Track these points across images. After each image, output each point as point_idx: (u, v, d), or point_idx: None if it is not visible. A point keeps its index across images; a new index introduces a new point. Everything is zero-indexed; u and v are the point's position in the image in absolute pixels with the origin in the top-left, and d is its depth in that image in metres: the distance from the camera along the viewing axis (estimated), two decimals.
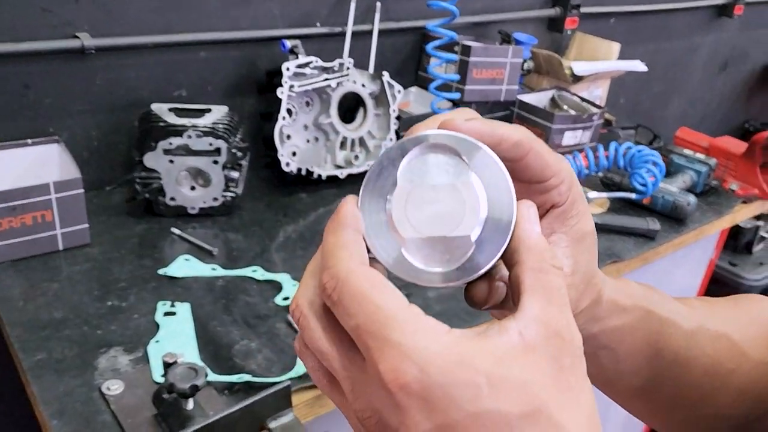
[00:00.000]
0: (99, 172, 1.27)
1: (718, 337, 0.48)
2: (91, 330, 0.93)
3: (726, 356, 0.48)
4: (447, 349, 0.28)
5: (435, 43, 1.38)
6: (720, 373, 0.48)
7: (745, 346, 0.49)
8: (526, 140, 0.35)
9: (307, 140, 1.37)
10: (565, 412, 0.28)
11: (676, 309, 0.48)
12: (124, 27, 1.20)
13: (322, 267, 0.32)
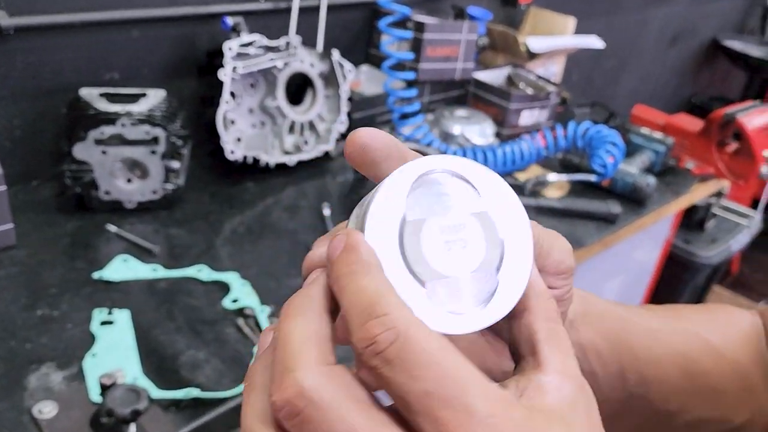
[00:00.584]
0: (23, 165, 1.16)
1: (688, 335, 0.46)
2: (18, 344, 0.84)
3: (698, 353, 0.46)
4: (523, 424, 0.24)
5: (387, 19, 1.30)
6: (692, 373, 0.45)
7: (719, 344, 0.46)
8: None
9: (253, 125, 1.28)
10: None
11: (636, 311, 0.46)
12: (46, 4, 1.08)
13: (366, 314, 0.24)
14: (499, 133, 1.52)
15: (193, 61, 1.29)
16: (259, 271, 1.02)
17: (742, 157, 1.49)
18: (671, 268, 1.75)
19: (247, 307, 0.93)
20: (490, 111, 1.54)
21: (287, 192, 1.25)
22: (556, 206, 1.27)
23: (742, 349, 0.47)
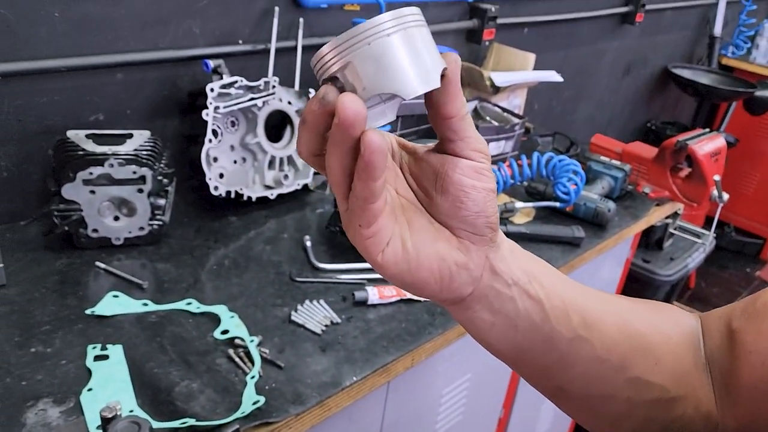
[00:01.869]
0: (10, 205, 1.18)
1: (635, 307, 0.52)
2: (14, 381, 0.86)
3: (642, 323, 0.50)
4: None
5: None
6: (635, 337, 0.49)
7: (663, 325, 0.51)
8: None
9: (234, 161, 1.33)
10: None
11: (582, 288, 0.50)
12: (32, 50, 1.12)
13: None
14: None
15: (175, 101, 1.34)
16: (246, 303, 1.06)
17: (694, 181, 1.59)
18: (633, 286, 1.84)
19: (237, 338, 0.97)
20: None
21: (269, 224, 1.30)
22: (524, 232, 1.34)
23: (680, 337, 0.51)
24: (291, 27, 1.46)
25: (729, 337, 0.49)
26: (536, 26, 2.21)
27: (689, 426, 0.49)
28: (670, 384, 0.49)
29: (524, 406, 1.55)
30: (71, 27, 1.15)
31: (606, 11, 2.49)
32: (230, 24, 1.37)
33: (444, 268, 0.44)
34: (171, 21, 1.27)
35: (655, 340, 0.49)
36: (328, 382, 0.92)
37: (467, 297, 0.45)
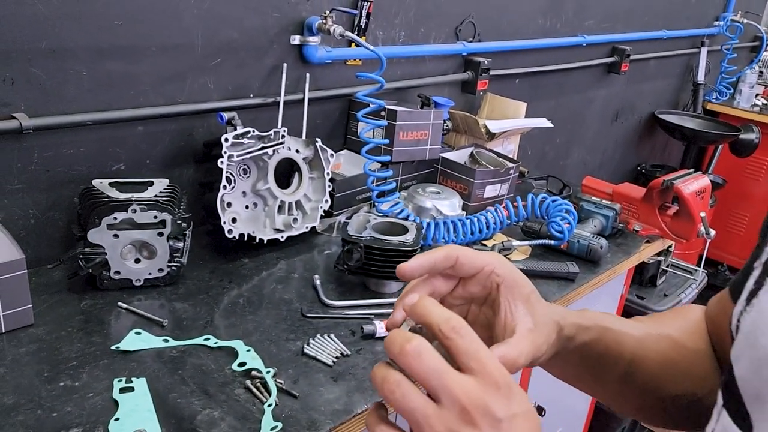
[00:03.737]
0: (37, 251, 1.26)
1: (662, 338, 0.66)
2: (45, 413, 0.91)
3: (670, 349, 0.65)
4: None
5: (365, 110, 1.48)
6: (668, 364, 0.64)
7: (683, 339, 0.67)
8: (450, 250, 0.55)
9: (247, 206, 1.41)
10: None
11: (627, 323, 0.67)
12: (60, 106, 1.21)
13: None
14: (466, 205, 1.68)
15: (192, 151, 1.43)
16: (260, 338, 1.12)
17: (681, 219, 1.67)
18: None
19: (254, 369, 1.03)
20: (457, 186, 1.71)
21: (280, 265, 1.37)
22: (521, 268, 1.41)
23: (700, 339, 0.67)
24: (298, 81, 1.57)
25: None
26: (527, 77, 2.33)
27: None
28: (698, 389, 0.64)
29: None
30: (96, 84, 1.25)
31: (593, 62, 2.62)
32: (242, 79, 1.47)
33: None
34: (187, 77, 1.38)
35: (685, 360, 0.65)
36: (341, 410, 0.98)
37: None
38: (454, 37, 1.98)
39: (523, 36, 2.23)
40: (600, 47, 2.67)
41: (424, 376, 0.43)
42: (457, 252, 0.55)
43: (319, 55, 1.57)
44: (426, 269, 0.54)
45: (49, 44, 1.16)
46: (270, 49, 1.50)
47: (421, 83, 1.89)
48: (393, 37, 1.78)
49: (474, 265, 0.56)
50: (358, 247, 1.23)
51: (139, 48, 1.28)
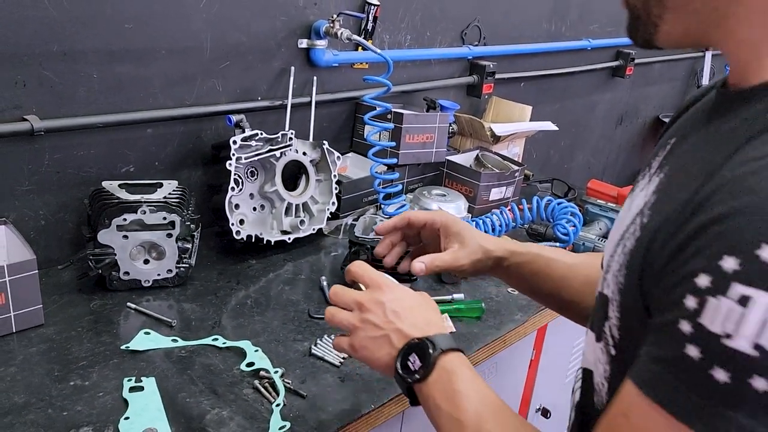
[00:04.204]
0: (47, 251, 1.27)
1: (591, 265, 0.87)
2: (56, 412, 0.93)
3: (595, 273, 0.81)
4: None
5: (371, 113, 1.49)
6: (591, 284, 0.80)
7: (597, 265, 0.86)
8: (404, 215, 0.99)
9: (254, 208, 1.42)
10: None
11: (561, 253, 0.93)
12: (71, 108, 1.23)
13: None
14: (471, 208, 1.69)
15: (200, 153, 1.44)
16: (268, 338, 1.13)
17: None
18: None
19: (262, 369, 1.04)
20: (462, 189, 1.72)
21: (287, 267, 1.38)
22: None
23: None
24: (305, 84, 1.58)
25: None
26: (532, 80, 2.34)
27: None
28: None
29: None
30: (107, 86, 1.26)
31: (598, 65, 2.63)
32: (250, 82, 1.48)
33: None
34: (196, 80, 1.39)
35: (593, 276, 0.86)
36: (348, 410, 0.99)
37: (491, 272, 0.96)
38: (460, 41, 1.99)
39: (528, 40, 2.24)
40: (605, 51, 2.68)
41: (340, 301, 0.80)
42: (408, 215, 0.99)
43: (326, 58, 1.58)
44: (390, 228, 1.00)
45: (61, 47, 1.18)
46: (278, 52, 1.51)
47: (427, 86, 1.90)
48: (399, 40, 1.79)
49: (420, 221, 0.98)
50: (364, 249, 1.24)
51: (148, 51, 1.30)
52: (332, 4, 1.57)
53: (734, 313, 0.40)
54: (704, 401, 0.41)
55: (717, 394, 0.41)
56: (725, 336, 0.40)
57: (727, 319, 0.40)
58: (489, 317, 1.28)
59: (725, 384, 0.40)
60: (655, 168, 0.61)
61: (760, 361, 0.39)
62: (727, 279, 0.40)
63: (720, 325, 0.40)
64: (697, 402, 0.42)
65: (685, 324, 0.42)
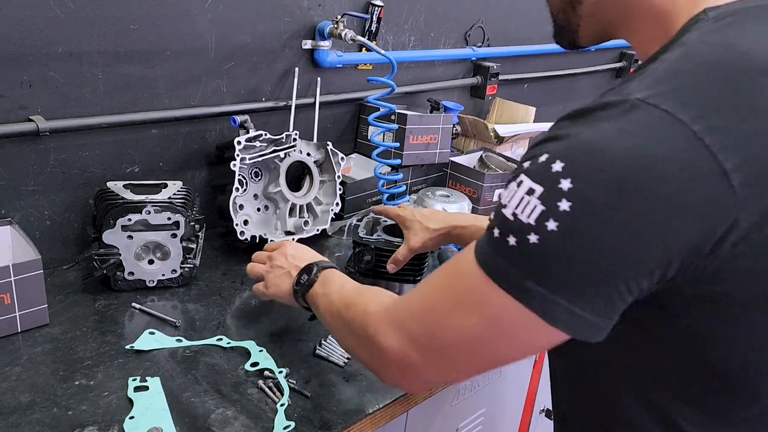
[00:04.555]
0: (52, 251, 1.27)
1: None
2: (61, 411, 0.93)
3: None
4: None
5: (375, 114, 1.49)
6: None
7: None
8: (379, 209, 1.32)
9: (258, 209, 1.42)
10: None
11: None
12: (77, 109, 1.23)
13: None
14: (475, 209, 1.69)
15: (204, 153, 1.44)
16: (272, 338, 1.13)
17: None
18: None
19: (267, 369, 1.04)
20: (466, 190, 1.72)
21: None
22: None
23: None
24: (309, 85, 1.59)
25: None
26: (536, 81, 2.34)
27: None
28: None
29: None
30: (112, 87, 1.27)
31: (601, 67, 2.63)
32: (254, 83, 1.49)
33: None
34: (201, 81, 1.39)
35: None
36: (352, 410, 0.99)
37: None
38: (464, 42, 1.99)
39: (532, 41, 2.24)
40: (608, 52, 2.68)
41: (256, 258, 1.13)
42: (385, 210, 1.29)
43: (330, 59, 1.58)
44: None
45: (66, 48, 1.18)
46: (282, 53, 1.51)
47: (431, 87, 1.90)
48: (403, 41, 1.80)
49: (391, 215, 1.28)
50: (368, 250, 1.24)
51: (153, 52, 1.30)
52: (336, 5, 1.57)
53: (511, 192, 0.57)
54: (488, 248, 0.59)
55: (493, 245, 0.58)
56: (503, 206, 0.57)
57: (510, 196, 0.57)
58: None
59: (496, 238, 0.57)
60: None
61: (514, 224, 0.55)
62: (520, 171, 0.57)
63: (505, 199, 0.58)
64: (485, 249, 0.59)
65: (499, 199, 0.61)
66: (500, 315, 0.58)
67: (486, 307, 0.59)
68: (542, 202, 0.54)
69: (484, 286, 0.58)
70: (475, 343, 0.61)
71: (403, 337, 0.67)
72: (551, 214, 0.53)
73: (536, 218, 0.54)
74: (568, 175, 0.52)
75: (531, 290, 0.55)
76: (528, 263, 0.55)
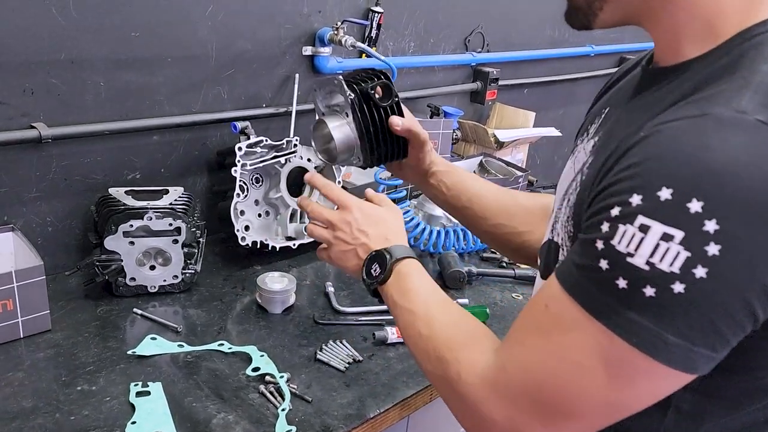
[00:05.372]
0: (54, 258, 1.28)
1: (506, 192, 1.02)
2: (63, 417, 0.93)
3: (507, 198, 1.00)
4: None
5: None
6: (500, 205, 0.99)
7: (521, 198, 1.02)
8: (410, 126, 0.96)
9: (259, 214, 1.43)
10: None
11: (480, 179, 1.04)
12: (79, 116, 1.24)
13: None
14: None
15: (205, 159, 1.45)
16: (273, 343, 1.14)
17: None
18: None
19: (268, 374, 1.04)
20: None
21: (291, 273, 1.38)
22: (530, 274, 1.42)
23: (536, 205, 0.98)
24: (309, 91, 1.59)
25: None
26: (535, 86, 2.35)
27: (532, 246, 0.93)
28: (519, 224, 0.97)
29: None
30: (114, 94, 1.28)
31: (601, 71, 2.64)
32: (255, 89, 1.49)
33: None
34: (202, 87, 1.40)
35: (516, 206, 0.99)
36: (353, 415, 0.99)
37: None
38: (463, 48, 2.00)
39: (531, 46, 2.25)
40: (608, 57, 2.69)
41: (315, 218, 0.91)
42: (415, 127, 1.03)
43: (331, 65, 1.59)
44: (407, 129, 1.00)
45: (68, 55, 1.19)
46: (282, 59, 1.52)
47: (431, 93, 1.91)
48: (403, 47, 1.80)
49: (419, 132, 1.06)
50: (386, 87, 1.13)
51: (155, 59, 1.31)
52: (336, 11, 1.58)
53: (636, 238, 0.51)
54: (608, 300, 0.53)
55: (618, 297, 0.52)
56: (628, 254, 0.51)
57: (631, 241, 0.51)
58: (493, 322, 1.28)
59: (623, 289, 0.52)
60: (592, 133, 0.73)
61: (650, 274, 0.50)
62: (634, 211, 0.51)
63: (625, 246, 0.51)
64: (603, 300, 0.53)
65: (600, 243, 0.53)
66: (635, 374, 0.53)
67: (619, 369, 0.54)
68: (686, 248, 0.49)
69: (614, 347, 0.53)
70: (603, 407, 0.57)
71: (514, 410, 0.61)
72: (698, 260, 0.48)
73: (681, 266, 0.49)
74: (713, 216, 0.48)
75: (672, 344, 0.51)
76: (671, 315, 0.50)
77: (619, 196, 0.52)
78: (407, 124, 0.93)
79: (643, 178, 0.51)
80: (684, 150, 0.50)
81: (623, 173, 0.53)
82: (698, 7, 0.59)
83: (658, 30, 0.63)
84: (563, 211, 0.68)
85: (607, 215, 0.53)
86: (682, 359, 0.51)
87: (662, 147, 0.51)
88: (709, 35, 0.59)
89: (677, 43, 0.61)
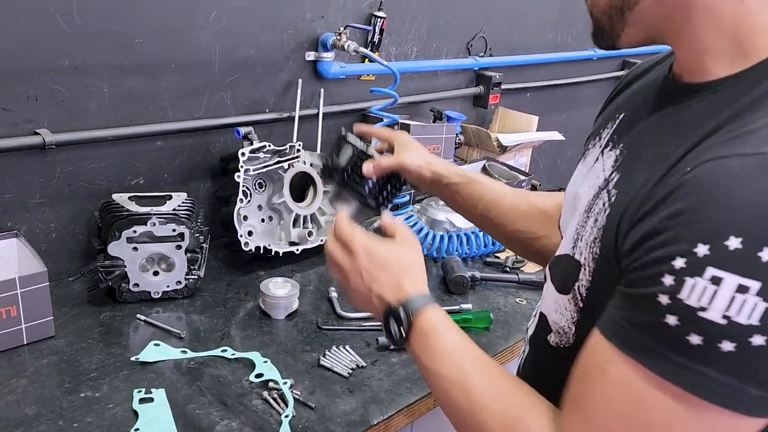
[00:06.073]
0: (58, 264, 1.28)
1: (520, 194, 1.02)
2: (66, 423, 0.93)
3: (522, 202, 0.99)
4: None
5: (379, 124, 1.49)
6: (517, 210, 0.99)
7: (536, 200, 1.00)
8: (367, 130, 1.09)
9: (262, 220, 1.43)
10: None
11: (496, 183, 1.03)
12: (82, 122, 1.24)
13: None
14: None
15: (208, 165, 1.45)
16: (276, 349, 1.14)
17: None
18: None
19: (271, 380, 1.04)
20: None
21: (295, 278, 1.38)
22: (534, 279, 1.42)
23: (551, 205, 0.97)
24: (313, 96, 1.60)
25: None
26: (538, 90, 2.35)
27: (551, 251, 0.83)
28: (536, 229, 0.97)
29: None
30: (118, 100, 1.28)
31: (604, 75, 2.64)
32: (258, 94, 1.50)
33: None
34: (205, 93, 1.40)
35: (531, 209, 0.99)
36: (357, 421, 0.99)
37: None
38: (466, 52, 2.00)
39: (534, 50, 2.25)
40: (611, 61, 2.68)
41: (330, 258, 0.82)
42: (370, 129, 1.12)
43: (333, 70, 1.59)
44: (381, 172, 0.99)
45: (72, 62, 1.19)
46: (285, 65, 1.52)
47: (434, 98, 1.91)
48: (406, 52, 1.81)
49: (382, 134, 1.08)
50: (353, 146, 1.15)
51: (158, 65, 1.31)
52: (339, 16, 1.58)
53: (708, 291, 0.48)
54: (680, 359, 0.50)
55: (691, 354, 0.49)
56: (700, 309, 0.49)
57: (703, 295, 0.48)
58: (497, 327, 1.28)
59: (698, 345, 0.49)
60: (605, 139, 0.71)
61: (728, 328, 0.48)
62: (702, 263, 0.49)
63: (696, 300, 0.49)
64: (675, 360, 0.50)
65: (664, 297, 0.50)
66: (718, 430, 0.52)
67: (699, 426, 0.52)
68: (764, 298, 0.47)
69: (692, 408, 0.51)
70: None
71: None
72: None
73: (760, 317, 0.47)
74: None
75: (755, 397, 0.49)
76: (754, 368, 0.49)
77: (677, 244, 0.50)
78: (382, 167, 0.97)
79: (705, 226, 0.49)
80: (746, 195, 0.48)
81: (677, 219, 0.50)
82: (723, 26, 0.57)
83: (683, 48, 0.61)
84: (588, 230, 0.65)
85: (669, 267, 0.50)
86: (766, 409, 0.50)
87: (720, 192, 0.49)
88: (738, 54, 0.57)
89: (702, 60, 0.59)
